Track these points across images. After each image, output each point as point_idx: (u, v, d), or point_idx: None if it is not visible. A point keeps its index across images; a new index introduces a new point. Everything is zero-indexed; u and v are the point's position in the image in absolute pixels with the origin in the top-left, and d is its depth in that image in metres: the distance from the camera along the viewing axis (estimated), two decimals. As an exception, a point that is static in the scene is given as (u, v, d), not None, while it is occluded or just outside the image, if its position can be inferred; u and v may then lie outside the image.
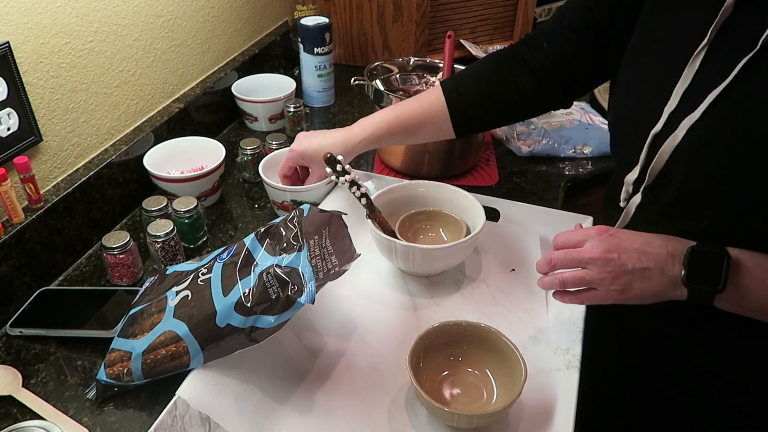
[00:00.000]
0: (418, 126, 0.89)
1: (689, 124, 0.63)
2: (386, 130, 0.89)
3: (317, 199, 0.96)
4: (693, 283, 0.61)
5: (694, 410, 0.75)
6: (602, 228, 0.67)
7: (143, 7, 1.01)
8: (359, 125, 0.90)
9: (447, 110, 0.87)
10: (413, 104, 0.89)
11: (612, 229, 0.67)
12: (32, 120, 0.83)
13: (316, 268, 0.66)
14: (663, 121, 0.66)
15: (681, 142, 0.64)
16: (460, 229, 0.87)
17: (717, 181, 0.62)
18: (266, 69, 1.36)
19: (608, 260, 0.64)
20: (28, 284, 0.83)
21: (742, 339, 0.68)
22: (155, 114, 1.09)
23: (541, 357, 0.73)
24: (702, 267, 0.61)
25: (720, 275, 0.61)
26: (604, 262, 0.64)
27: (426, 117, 0.88)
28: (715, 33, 0.61)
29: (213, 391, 0.65)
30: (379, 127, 0.89)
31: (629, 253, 0.63)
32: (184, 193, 0.97)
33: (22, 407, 0.70)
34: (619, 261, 0.63)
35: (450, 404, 0.68)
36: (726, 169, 0.61)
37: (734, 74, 0.59)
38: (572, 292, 0.69)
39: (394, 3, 1.39)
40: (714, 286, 0.61)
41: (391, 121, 0.89)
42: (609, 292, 0.65)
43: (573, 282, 0.67)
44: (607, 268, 0.64)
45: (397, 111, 0.89)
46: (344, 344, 0.76)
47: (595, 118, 1.23)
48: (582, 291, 0.68)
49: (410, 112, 0.89)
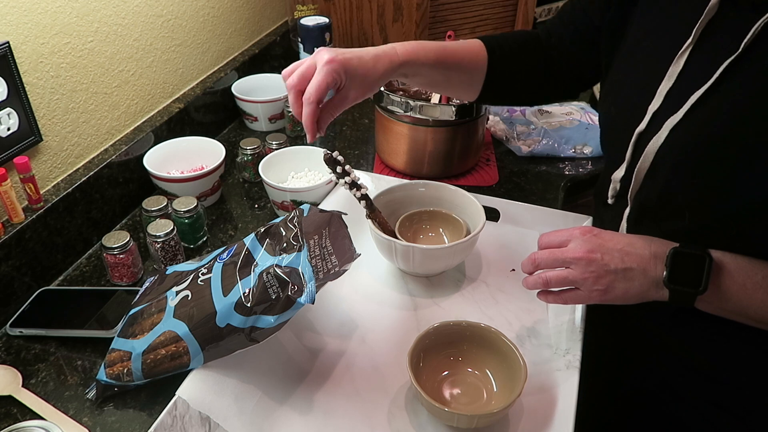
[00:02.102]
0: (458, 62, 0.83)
1: (672, 124, 0.63)
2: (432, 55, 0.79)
3: (317, 199, 0.96)
4: (674, 284, 0.62)
5: (683, 409, 0.75)
6: (586, 228, 0.67)
7: (143, 7, 1.01)
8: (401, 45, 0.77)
9: (486, 58, 0.84)
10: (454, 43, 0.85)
11: (596, 230, 0.67)
12: (32, 120, 0.83)
13: (316, 268, 0.66)
14: (647, 120, 0.66)
15: (664, 142, 0.64)
16: (460, 229, 0.87)
17: (698, 182, 0.63)
18: (266, 69, 1.36)
19: (591, 260, 0.64)
20: (28, 284, 0.83)
21: (724, 337, 0.69)
22: (155, 114, 1.09)
23: (541, 357, 0.73)
24: (684, 268, 0.62)
25: (701, 277, 0.61)
26: (587, 262, 0.64)
27: (467, 55, 0.84)
28: (700, 33, 0.62)
29: (213, 391, 0.65)
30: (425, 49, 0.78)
31: (612, 254, 0.64)
32: (184, 193, 0.97)
33: (22, 407, 0.70)
34: (602, 261, 0.64)
35: (450, 404, 0.68)
36: (707, 170, 0.62)
37: (716, 76, 0.59)
38: (555, 292, 0.69)
39: (394, 3, 1.39)
40: (695, 287, 0.61)
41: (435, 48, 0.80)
42: (591, 292, 0.65)
43: (556, 281, 0.67)
44: (590, 268, 0.64)
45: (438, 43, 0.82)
46: (344, 344, 0.76)
47: (595, 118, 1.23)
48: (565, 291, 0.68)
49: (453, 46, 0.83)
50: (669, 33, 0.66)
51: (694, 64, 0.63)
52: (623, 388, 0.83)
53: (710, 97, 0.60)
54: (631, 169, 0.69)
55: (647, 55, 0.69)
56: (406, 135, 1.06)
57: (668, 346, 0.74)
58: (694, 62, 0.63)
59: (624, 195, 0.72)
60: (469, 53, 0.84)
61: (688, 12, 0.64)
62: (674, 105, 0.63)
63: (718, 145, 0.60)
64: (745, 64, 0.58)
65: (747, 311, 0.62)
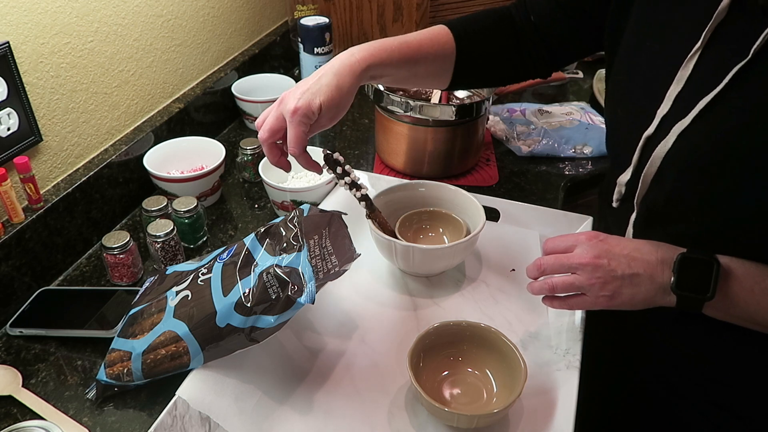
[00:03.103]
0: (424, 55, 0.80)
1: (680, 129, 0.62)
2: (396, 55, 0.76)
3: (317, 199, 0.96)
4: (682, 290, 0.61)
5: (684, 409, 0.75)
6: (592, 233, 0.67)
7: (143, 7, 1.01)
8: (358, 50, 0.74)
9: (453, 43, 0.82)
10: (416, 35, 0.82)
11: (602, 235, 0.66)
12: (32, 120, 0.83)
13: (316, 268, 0.66)
14: (655, 124, 0.65)
15: (672, 147, 0.63)
16: (460, 229, 0.87)
17: (705, 188, 0.62)
18: (266, 69, 1.36)
19: (598, 266, 0.63)
20: (28, 284, 0.83)
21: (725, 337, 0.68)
22: (155, 114, 1.09)
23: (541, 357, 0.73)
24: (691, 274, 0.61)
25: (709, 283, 0.60)
26: (594, 267, 0.63)
27: (432, 46, 0.80)
28: (709, 36, 0.61)
29: (213, 391, 0.65)
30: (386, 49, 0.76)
31: (619, 259, 0.63)
32: (184, 193, 0.97)
33: (22, 407, 0.70)
34: (608, 267, 0.63)
35: (450, 404, 0.68)
36: (714, 176, 0.61)
37: (725, 82, 0.58)
38: (561, 298, 0.69)
39: (394, 3, 1.39)
40: (703, 293, 0.61)
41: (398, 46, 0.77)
42: (598, 298, 0.65)
43: (562, 287, 0.67)
44: (596, 273, 0.63)
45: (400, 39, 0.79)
46: (344, 344, 0.76)
47: (595, 118, 1.23)
48: (571, 296, 0.68)
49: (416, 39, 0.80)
50: (676, 35, 0.65)
51: (703, 68, 0.62)
52: (623, 388, 0.83)
53: (719, 102, 0.59)
54: (638, 173, 0.68)
55: (653, 57, 0.68)
56: (406, 135, 1.06)
57: (669, 346, 0.74)
58: (703, 66, 0.62)
59: (629, 199, 0.71)
60: (434, 43, 0.81)
61: (695, 14, 0.63)
62: (683, 110, 0.62)
63: (725, 151, 0.60)
64: (755, 69, 0.57)
65: (755, 317, 0.62)
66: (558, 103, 1.30)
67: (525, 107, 1.27)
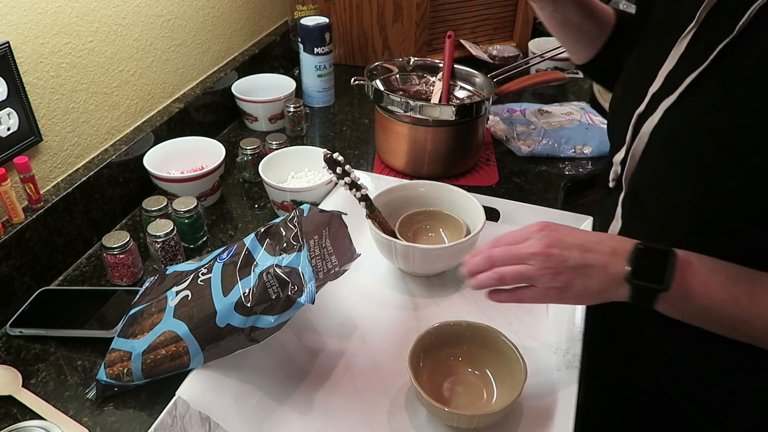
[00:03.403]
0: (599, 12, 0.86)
1: (666, 105, 0.62)
2: None
3: (317, 199, 0.96)
4: (638, 279, 0.59)
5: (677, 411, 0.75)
6: (543, 223, 0.65)
7: (143, 7, 1.01)
8: None
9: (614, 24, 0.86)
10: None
11: (554, 224, 0.64)
12: (32, 120, 0.83)
13: (316, 268, 0.66)
14: (646, 102, 0.66)
15: (658, 123, 0.63)
16: (460, 229, 0.87)
17: (685, 166, 0.61)
18: (266, 69, 1.36)
19: (549, 255, 0.61)
20: (28, 284, 0.83)
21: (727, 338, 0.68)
22: (155, 114, 1.09)
23: (541, 357, 0.73)
24: (647, 264, 0.59)
25: (664, 272, 0.59)
26: (545, 257, 0.61)
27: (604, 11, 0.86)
28: (704, 15, 0.61)
29: (213, 391, 0.65)
30: None
31: (571, 250, 0.61)
32: (184, 193, 0.97)
33: (22, 407, 0.70)
34: (560, 257, 0.61)
35: (450, 404, 0.68)
36: (693, 155, 0.60)
37: (711, 59, 0.58)
38: (508, 291, 0.66)
39: (394, 3, 1.39)
40: (658, 283, 0.59)
41: None
42: (548, 290, 0.62)
43: (511, 278, 0.63)
44: (547, 263, 0.61)
45: None
46: (344, 344, 0.76)
47: (595, 118, 1.23)
48: (519, 289, 0.65)
49: None
50: (676, 17, 0.66)
51: (694, 46, 0.62)
52: (624, 387, 0.83)
53: (704, 79, 0.60)
54: (629, 152, 0.68)
55: (654, 40, 0.69)
56: (406, 135, 1.06)
57: (669, 346, 0.74)
58: (694, 45, 0.62)
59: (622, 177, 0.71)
60: (606, 11, 0.87)
61: None
62: (672, 87, 0.63)
63: (708, 126, 0.59)
64: (740, 46, 0.57)
65: (709, 312, 0.60)
66: (558, 103, 1.30)
67: (525, 107, 1.27)
